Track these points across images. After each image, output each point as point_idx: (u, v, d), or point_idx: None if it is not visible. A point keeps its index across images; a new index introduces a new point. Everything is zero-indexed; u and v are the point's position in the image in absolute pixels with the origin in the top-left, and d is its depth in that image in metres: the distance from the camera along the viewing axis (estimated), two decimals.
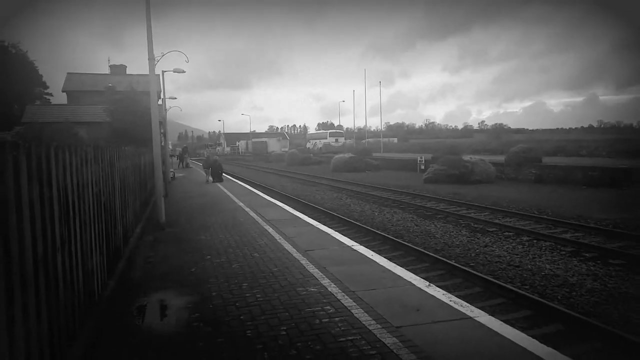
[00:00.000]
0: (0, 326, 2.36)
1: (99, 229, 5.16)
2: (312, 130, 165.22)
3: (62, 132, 22.40)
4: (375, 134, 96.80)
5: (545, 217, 13.81)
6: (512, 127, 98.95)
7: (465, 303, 5.08)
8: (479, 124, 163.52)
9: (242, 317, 4.87)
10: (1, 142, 2.65)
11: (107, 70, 49.86)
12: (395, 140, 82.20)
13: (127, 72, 48.08)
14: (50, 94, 56.97)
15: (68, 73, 44.30)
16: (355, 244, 8.35)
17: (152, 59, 10.37)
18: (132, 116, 22.16)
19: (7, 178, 2.60)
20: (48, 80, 58.12)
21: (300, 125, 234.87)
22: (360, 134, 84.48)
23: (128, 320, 4.94)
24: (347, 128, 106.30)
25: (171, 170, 24.02)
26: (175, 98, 30.20)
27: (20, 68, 51.51)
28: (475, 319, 4.59)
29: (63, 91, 42.39)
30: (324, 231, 9.63)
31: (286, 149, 73.62)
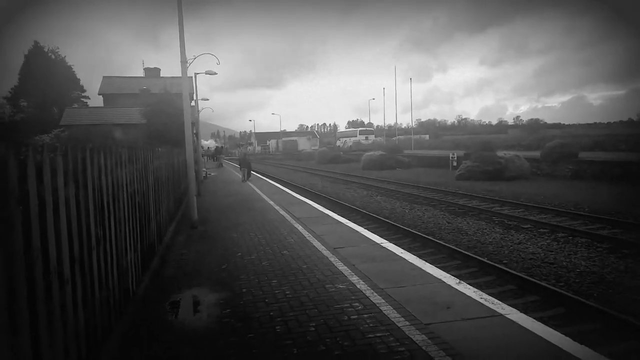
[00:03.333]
0: (41, 323, 2.47)
1: (133, 227, 5.32)
2: (341, 128, 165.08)
3: (99, 134, 23.07)
4: (406, 131, 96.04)
5: (581, 213, 13.46)
6: (548, 122, 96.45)
7: (497, 300, 5.02)
8: (514, 119, 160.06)
9: (271, 314, 4.94)
10: (39, 144, 2.77)
11: (141, 73, 51.02)
12: (427, 137, 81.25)
13: (161, 75, 49.07)
14: (88, 97, 58.67)
15: (104, 77, 45.54)
16: (384, 241, 8.33)
17: (184, 62, 10.58)
18: (166, 118, 22.62)
19: (45, 179, 2.72)
20: (85, 83, 59.85)
21: (330, 124, 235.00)
22: (391, 131, 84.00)
23: (162, 316, 5.08)
24: (377, 126, 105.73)
25: (204, 169, 24.41)
26: (208, 99, 30.63)
27: (59, 73, 53.29)
28: (507, 316, 4.53)
29: (99, 94, 43.60)
30: (353, 229, 9.64)
31: (316, 148, 73.91)
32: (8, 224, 2.21)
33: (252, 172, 25.94)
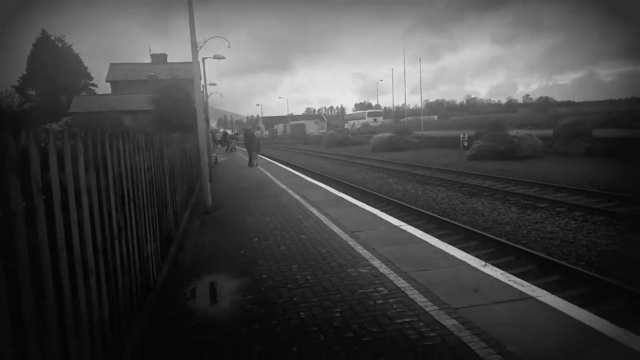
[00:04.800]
0: (67, 313, 2.39)
1: (152, 214, 5.24)
2: (349, 111, 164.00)
3: (109, 121, 23.03)
4: (415, 112, 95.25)
5: (597, 191, 13.24)
6: (559, 100, 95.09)
7: (526, 282, 4.89)
8: (523, 97, 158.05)
9: (294, 299, 4.85)
10: (59, 131, 2.66)
11: (148, 60, 50.84)
12: (436, 117, 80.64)
13: (168, 61, 48.87)
14: (95, 85, 58.71)
15: (111, 64, 45.48)
16: (402, 223, 8.21)
17: (194, 46, 10.40)
18: (174, 103, 22.54)
19: (66, 166, 2.61)
20: (93, 71, 59.90)
21: (337, 107, 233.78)
22: (399, 112, 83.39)
23: (184, 303, 5.01)
24: (385, 107, 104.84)
25: (214, 154, 24.34)
26: (215, 84, 30.50)
27: (66, 61, 53.25)
28: (538, 298, 4.40)
29: (107, 81, 43.57)
30: (368, 211, 9.52)
31: (324, 131, 73.57)
32: (32, 214, 2.10)
33: (260, 155, 25.70)
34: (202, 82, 24.54)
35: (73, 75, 54.36)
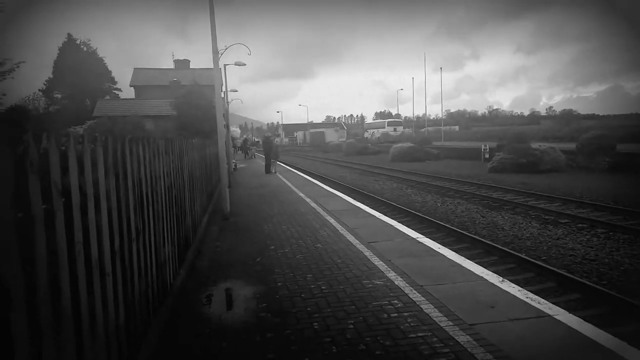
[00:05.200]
0: (83, 318, 2.41)
1: (171, 219, 5.28)
2: (369, 119, 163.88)
3: (131, 125, 23.39)
4: (436, 122, 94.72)
5: (621, 207, 12.94)
6: (583, 113, 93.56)
7: (543, 300, 4.79)
8: (546, 110, 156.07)
9: (308, 309, 4.84)
10: (80, 135, 2.71)
11: (171, 64, 51.57)
12: (457, 128, 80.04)
13: (191, 67, 49.51)
14: (119, 89, 59.68)
15: (135, 68, 46.20)
16: (420, 235, 8.14)
17: (216, 53, 10.52)
18: (195, 109, 22.79)
19: (86, 170, 2.65)
20: (116, 75, 60.88)
21: (357, 115, 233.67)
22: (420, 122, 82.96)
23: (199, 309, 5.03)
24: (405, 117, 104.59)
25: (233, 161, 24.52)
26: (237, 91, 30.79)
27: (91, 65, 54.29)
28: (555, 317, 4.31)
29: (131, 86, 44.27)
30: (386, 222, 9.47)
31: (343, 139, 73.55)
32: (51, 217, 2.14)
33: (279, 163, 25.75)
34: (223, 88, 24.79)
35: (97, 79, 55.39)
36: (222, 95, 20.95)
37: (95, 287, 2.63)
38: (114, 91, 59.26)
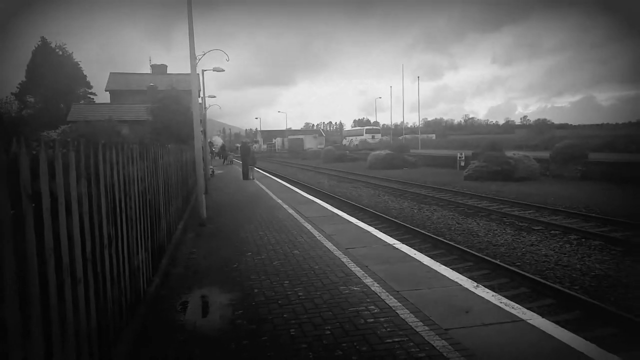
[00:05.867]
0: (53, 325, 2.36)
1: (145, 225, 5.21)
2: (348, 127, 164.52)
3: (106, 130, 23.03)
4: (413, 130, 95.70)
5: (593, 215, 13.25)
6: (557, 122, 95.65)
7: (517, 305, 4.87)
8: (521, 119, 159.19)
9: (285, 316, 4.81)
10: (51, 139, 2.66)
11: (148, 70, 51.03)
12: (434, 136, 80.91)
13: (168, 72, 49.06)
14: (94, 94, 58.81)
15: (111, 73, 45.56)
16: (396, 242, 8.19)
17: (193, 57, 10.46)
18: (172, 114, 22.55)
19: (57, 175, 2.60)
20: (93, 80, 60.10)
21: (336, 122, 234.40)
22: (397, 130, 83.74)
23: (173, 316, 4.96)
24: (383, 124, 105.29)
25: (210, 167, 24.34)
26: (215, 96, 30.53)
27: (66, 69, 53.41)
28: (529, 321, 4.38)
29: (106, 90, 43.62)
30: (363, 229, 9.50)
31: (322, 146, 73.70)
32: (21, 222, 2.09)
33: (257, 169, 25.67)
34: (201, 94, 24.63)
35: (73, 83, 54.50)
36: (200, 101, 20.82)
37: (66, 291, 2.58)
38: (89, 96, 58.38)
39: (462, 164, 30.36)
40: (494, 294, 5.25)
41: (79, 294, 2.80)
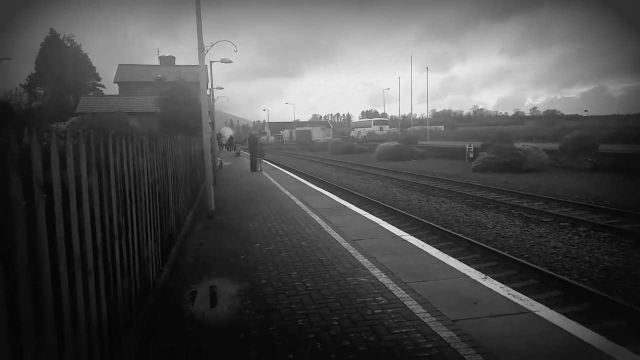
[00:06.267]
0: (65, 315, 2.39)
1: (154, 216, 5.25)
2: (355, 118, 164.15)
3: (115, 122, 23.12)
4: (421, 121, 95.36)
5: (603, 207, 13.16)
6: (566, 113, 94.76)
7: (525, 296, 4.87)
8: (530, 110, 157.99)
9: (293, 306, 4.85)
10: (62, 131, 2.68)
11: (156, 62, 51.06)
12: (442, 127, 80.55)
13: (176, 63, 49.08)
14: (103, 86, 59.03)
15: (119, 65, 45.63)
16: (404, 233, 8.20)
17: (201, 48, 10.46)
18: (181, 106, 22.61)
19: (68, 166, 2.63)
20: (100, 71, 60.25)
21: (344, 114, 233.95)
22: (406, 121, 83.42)
23: (182, 306, 5.01)
24: (391, 116, 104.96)
25: (219, 159, 24.41)
26: (222, 88, 30.58)
27: (75, 61, 53.61)
28: (536, 313, 4.38)
29: (115, 82, 43.74)
30: (371, 220, 9.51)
31: (330, 138, 73.60)
32: (33, 213, 2.12)
33: (265, 161, 25.72)
34: (209, 86, 24.66)
35: (81, 75, 54.72)
36: (208, 92, 20.84)
37: (77, 284, 2.61)
38: (98, 87, 58.61)
39: (471, 155, 30.23)
40: (502, 285, 5.26)
41: (90, 285, 2.84)
